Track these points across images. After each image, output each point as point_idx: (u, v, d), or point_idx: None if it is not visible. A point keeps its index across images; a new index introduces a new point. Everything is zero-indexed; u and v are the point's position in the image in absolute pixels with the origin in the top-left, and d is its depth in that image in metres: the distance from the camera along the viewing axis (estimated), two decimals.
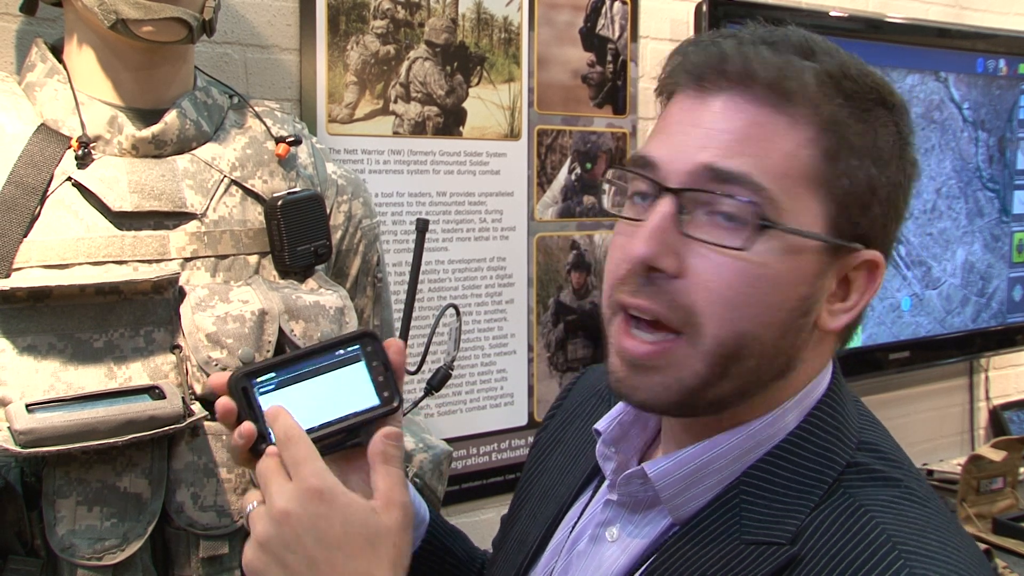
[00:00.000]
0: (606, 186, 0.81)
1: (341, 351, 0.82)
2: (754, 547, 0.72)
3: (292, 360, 0.80)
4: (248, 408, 0.78)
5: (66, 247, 1.07)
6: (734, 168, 0.71)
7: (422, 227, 0.97)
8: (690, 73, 0.76)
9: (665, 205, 0.73)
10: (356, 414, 0.81)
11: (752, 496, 0.75)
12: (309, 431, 0.78)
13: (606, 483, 0.87)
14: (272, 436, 0.77)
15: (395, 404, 0.82)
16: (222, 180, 1.18)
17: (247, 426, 0.77)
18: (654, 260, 0.72)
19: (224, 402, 0.78)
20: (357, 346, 0.82)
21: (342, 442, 0.80)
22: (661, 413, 0.80)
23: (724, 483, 0.77)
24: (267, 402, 0.78)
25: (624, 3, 1.99)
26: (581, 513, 0.90)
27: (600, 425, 0.87)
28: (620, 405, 0.87)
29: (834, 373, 0.81)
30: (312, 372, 0.81)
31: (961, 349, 2.58)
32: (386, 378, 0.82)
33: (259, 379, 0.79)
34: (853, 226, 0.74)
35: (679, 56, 0.79)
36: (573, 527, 0.89)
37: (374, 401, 0.82)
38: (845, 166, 0.73)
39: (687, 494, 0.78)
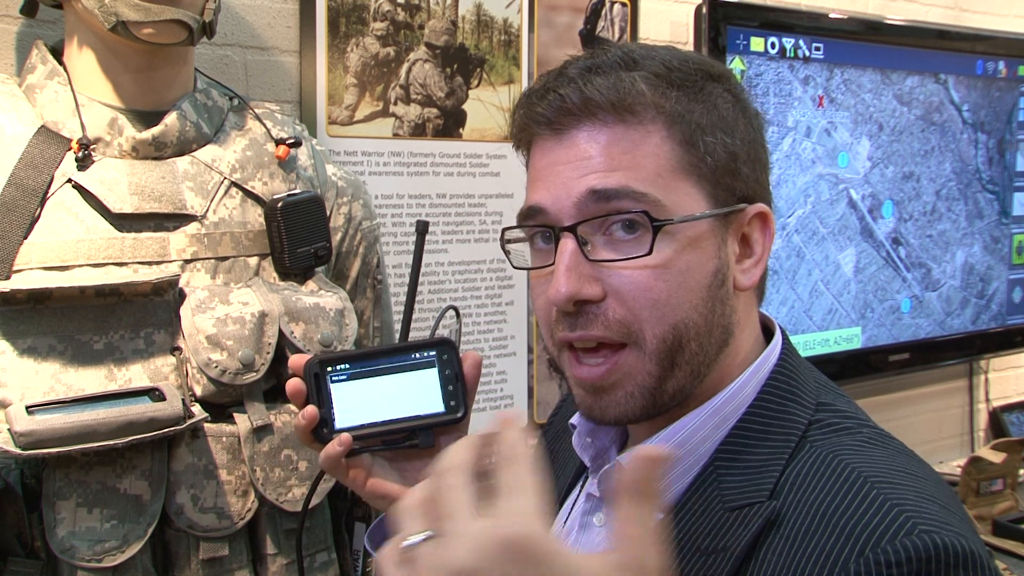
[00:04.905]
0: (508, 246, 0.87)
1: (417, 355, 0.85)
2: (737, 511, 0.76)
3: (369, 355, 0.84)
4: (316, 393, 0.81)
5: (66, 249, 1.07)
6: (613, 184, 0.77)
7: (422, 229, 0.97)
8: (540, 122, 0.82)
9: (567, 243, 0.78)
10: (419, 417, 0.83)
11: (727, 468, 0.79)
12: (370, 424, 0.82)
13: (589, 474, 0.90)
14: (336, 423, 0.81)
15: (459, 415, 0.85)
16: (222, 182, 1.18)
17: (310, 410, 0.81)
18: (578, 294, 0.77)
19: (295, 383, 0.83)
20: (434, 352, 0.85)
21: (399, 441, 0.83)
22: (633, 422, 0.83)
23: (700, 463, 0.80)
24: (337, 391, 0.82)
25: (624, 5, 1.99)
26: (572, 509, 0.92)
27: (574, 419, 0.91)
28: None
29: (784, 344, 0.86)
30: (385, 370, 0.84)
31: (961, 351, 2.58)
32: (455, 388, 0.85)
33: (333, 368, 0.82)
34: (730, 192, 0.80)
35: (523, 110, 0.85)
36: (565, 522, 0.91)
37: (439, 408, 0.84)
38: (703, 146, 0.79)
39: (666, 479, 0.80)
